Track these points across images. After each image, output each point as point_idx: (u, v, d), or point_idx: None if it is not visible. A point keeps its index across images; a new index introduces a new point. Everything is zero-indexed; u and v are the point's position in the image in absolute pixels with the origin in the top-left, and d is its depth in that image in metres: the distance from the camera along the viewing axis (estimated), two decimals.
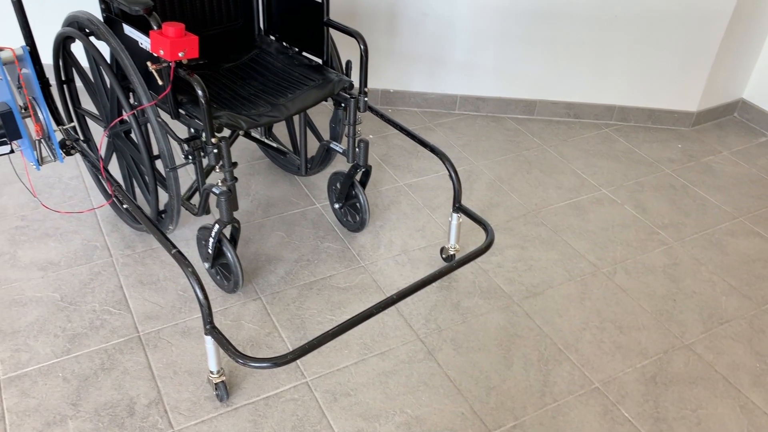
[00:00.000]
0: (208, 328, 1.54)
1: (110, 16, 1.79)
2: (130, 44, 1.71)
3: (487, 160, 2.65)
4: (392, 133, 2.75)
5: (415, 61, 2.83)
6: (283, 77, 1.98)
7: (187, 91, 1.76)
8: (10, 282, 1.92)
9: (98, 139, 2.34)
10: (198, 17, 1.99)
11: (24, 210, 2.18)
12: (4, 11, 2.62)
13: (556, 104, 2.94)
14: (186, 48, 1.56)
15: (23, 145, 1.87)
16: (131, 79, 1.69)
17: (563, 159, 2.70)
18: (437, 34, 2.75)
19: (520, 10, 2.67)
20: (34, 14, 2.67)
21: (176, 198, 1.81)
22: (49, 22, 2.69)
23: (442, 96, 2.93)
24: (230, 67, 2.03)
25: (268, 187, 2.40)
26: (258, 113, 1.80)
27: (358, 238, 2.20)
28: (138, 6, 1.57)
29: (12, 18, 2.64)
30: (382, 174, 2.51)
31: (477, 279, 2.06)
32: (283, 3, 2.04)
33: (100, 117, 2.01)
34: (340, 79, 1.95)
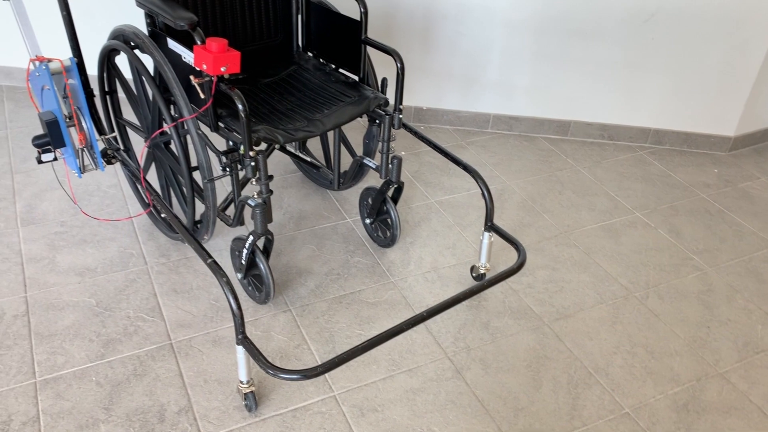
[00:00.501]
0: (240, 338, 1.55)
1: (155, 30, 1.84)
2: (173, 58, 1.76)
3: (519, 180, 2.64)
4: (424, 150, 2.77)
5: (449, 79, 2.85)
6: (320, 93, 2.01)
7: (227, 105, 1.79)
8: (48, 286, 1.97)
9: (137, 149, 2.39)
10: (239, 33, 2.03)
11: (64, 216, 2.24)
12: (53, 24, 2.71)
13: (591, 125, 2.92)
14: (228, 63, 1.60)
15: (66, 153, 1.93)
16: (173, 92, 1.74)
17: (597, 181, 2.68)
18: (472, 52, 2.77)
19: (556, 30, 2.68)
20: (82, 27, 2.76)
21: (212, 209, 1.84)
22: (95, 35, 2.77)
23: (475, 114, 2.93)
24: (268, 82, 2.07)
25: (301, 201, 2.43)
26: (294, 128, 1.83)
27: (388, 254, 2.21)
28: (183, 21, 1.61)
29: (61, 30, 2.72)
30: (414, 191, 2.52)
31: (507, 299, 2.06)
32: (321, 20, 2.07)
33: (141, 128, 2.06)
34: (375, 96, 1.97)
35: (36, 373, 1.71)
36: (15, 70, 2.95)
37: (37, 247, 2.11)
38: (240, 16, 2.00)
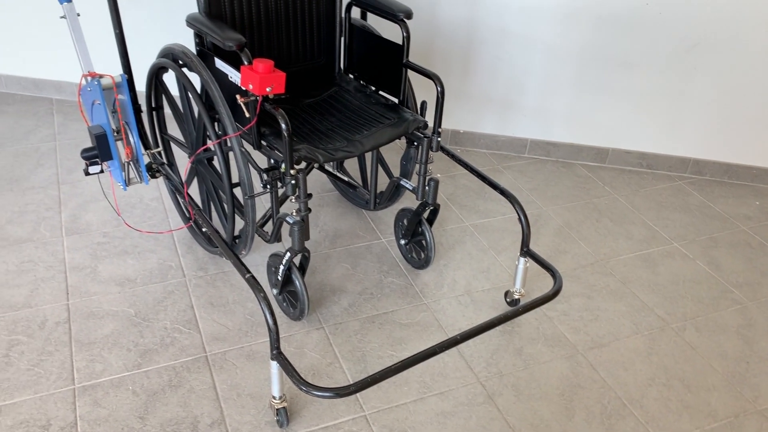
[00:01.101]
0: (275, 354, 1.57)
1: (203, 50, 1.90)
2: (220, 77, 1.81)
3: (555, 206, 2.63)
4: (460, 173, 2.78)
5: (487, 103, 2.86)
6: (360, 114, 2.04)
7: (270, 124, 1.83)
8: (89, 295, 2.02)
9: (180, 163, 2.45)
10: (284, 54, 2.07)
11: (107, 227, 2.30)
12: (105, 40, 2.80)
13: (629, 153, 2.90)
14: (273, 84, 1.63)
15: (113, 166, 1.99)
16: (219, 110, 1.78)
17: (634, 209, 2.65)
18: (510, 78, 2.78)
19: (596, 58, 2.67)
20: (129, 45, 2.84)
21: (252, 225, 1.88)
22: (141, 52, 2.86)
23: (512, 139, 2.94)
24: (310, 103, 2.11)
25: (336, 220, 2.45)
26: (335, 148, 1.86)
27: (422, 276, 2.21)
28: (232, 42, 1.66)
29: (111, 47, 2.81)
30: (449, 213, 2.53)
31: (541, 326, 2.04)
32: (364, 44, 2.11)
33: (185, 143, 2.11)
34: (414, 119, 1.99)
35: (75, 380, 1.75)
36: (65, 84, 3.06)
37: (80, 256, 2.16)
38: (285, 38, 2.05)
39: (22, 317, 1.92)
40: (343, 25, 2.14)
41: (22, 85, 3.07)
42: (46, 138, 2.77)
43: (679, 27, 2.57)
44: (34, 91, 3.08)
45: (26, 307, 1.95)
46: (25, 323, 1.90)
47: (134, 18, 2.82)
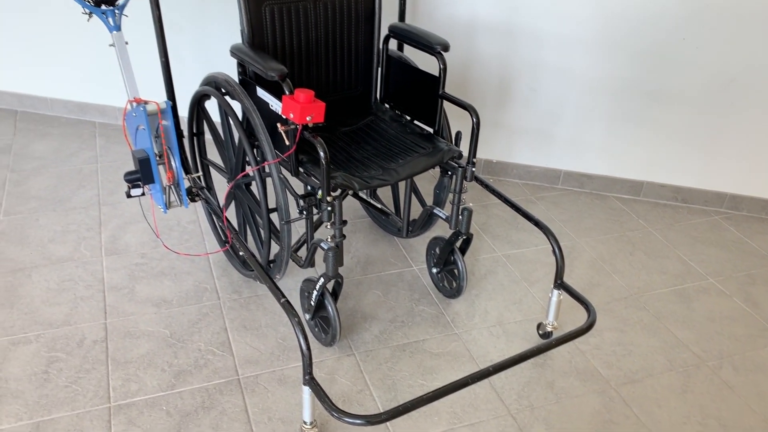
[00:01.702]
0: (307, 379, 1.59)
1: (245, 79, 1.95)
2: (261, 105, 1.86)
3: (589, 238, 2.62)
4: (493, 202, 2.78)
5: (521, 134, 2.87)
6: (395, 143, 2.07)
7: (308, 151, 1.87)
8: (126, 314, 2.06)
9: (218, 187, 2.50)
10: (322, 83, 2.12)
11: (145, 248, 2.35)
12: (149, 67, 2.89)
13: (664, 187, 2.88)
14: (313, 113, 1.67)
15: (154, 189, 2.04)
16: (259, 137, 1.83)
17: (669, 243, 2.63)
18: (545, 109, 2.79)
19: (632, 92, 2.68)
20: (174, 72, 2.93)
21: (287, 249, 1.90)
22: (181, 78, 2.94)
23: (545, 170, 2.94)
24: (347, 131, 2.15)
25: (368, 246, 2.47)
26: (370, 176, 1.89)
27: (453, 305, 2.21)
28: (274, 72, 1.71)
29: (155, 74, 2.90)
30: (481, 243, 2.53)
31: (573, 359, 2.02)
32: (400, 74, 2.15)
33: (224, 169, 2.16)
34: (449, 149, 2.01)
35: (111, 398, 1.78)
36: (108, 108, 3.15)
37: (118, 276, 2.21)
38: (324, 68, 2.10)
39: (62, 335, 1.97)
40: (381, 56, 2.18)
41: (67, 108, 3.18)
42: (89, 160, 2.85)
43: (717, 62, 2.56)
44: (78, 114, 3.18)
45: (66, 325, 2.00)
46: (64, 341, 1.95)
47: (176, 46, 2.90)
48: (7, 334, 1.96)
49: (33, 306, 2.06)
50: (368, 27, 2.12)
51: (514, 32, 2.64)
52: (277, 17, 1.94)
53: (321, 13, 2.02)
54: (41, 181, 2.69)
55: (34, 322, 2.00)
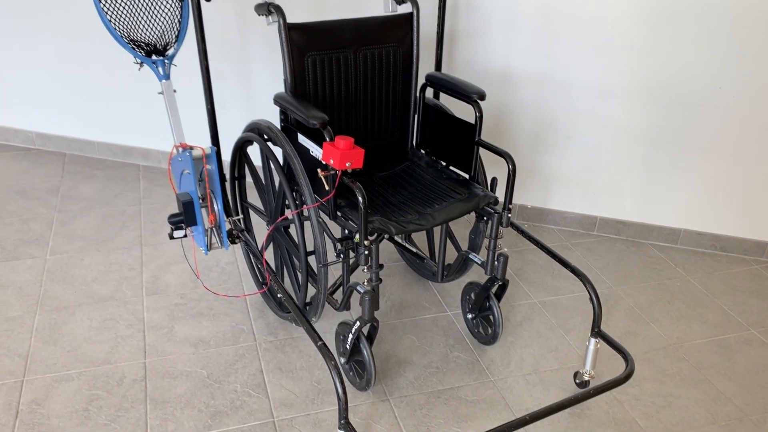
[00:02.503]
0: (343, 423, 1.59)
1: (287, 126, 2.02)
2: (302, 151, 1.91)
3: (626, 286, 2.59)
4: (528, 248, 2.78)
5: (557, 180, 2.88)
6: (432, 189, 2.10)
7: (346, 196, 1.91)
8: (165, 354, 2.10)
9: (256, 229, 2.55)
10: (360, 129, 2.17)
11: (184, 289, 2.40)
12: (195, 113, 2.99)
13: (702, 235, 2.85)
14: (353, 159, 1.72)
15: (196, 231, 2.09)
16: (299, 181, 1.87)
17: (708, 293, 2.58)
18: (580, 156, 2.80)
19: (667, 139, 2.68)
20: (218, 118, 3.03)
21: (323, 292, 1.93)
22: (222, 124, 3.04)
23: (581, 216, 2.93)
24: (383, 176, 2.19)
25: (403, 290, 2.48)
26: (406, 220, 1.91)
27: (489, 352, 2.20)
28: (316, 120, 1.76)
29: (199, 119, 3.01)
30: (517, 289, 2.53)
31: (611, 409, 1.99)
32: (436, 122, 2.19)
33: (264, 212, 2.21)
34: (485, 195, 2.03)
35: None
36: (152, 152, 3.26)
37: (158, 316, 2.26)
38: (363, 115, 2.15)
39: (102, 373, 2.01)
40: (418, 104, 2.23)
41: (112, 151, 3.29)
42: (132, 201, 2.94)
43: (753, 110, 2.55)
44: (123, 157, 3.29)
45: (106, 363, 2.04)
46: (105, 379, 1.98)
47: (220, 93, 3.01)
48: (51, 371, 2.00)
49: (75, 344, 2.12)
50: (406, 76, 2.18)
51: (549, 81, 2.67)
52: (318, 67, 2.01)
53: (361, 63, 2.09)
54: (86, 221, 2.78)
55: (76, 359, 2.05)
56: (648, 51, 2.53)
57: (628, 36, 2.52)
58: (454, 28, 2.66)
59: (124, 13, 1.97)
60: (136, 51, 2.00)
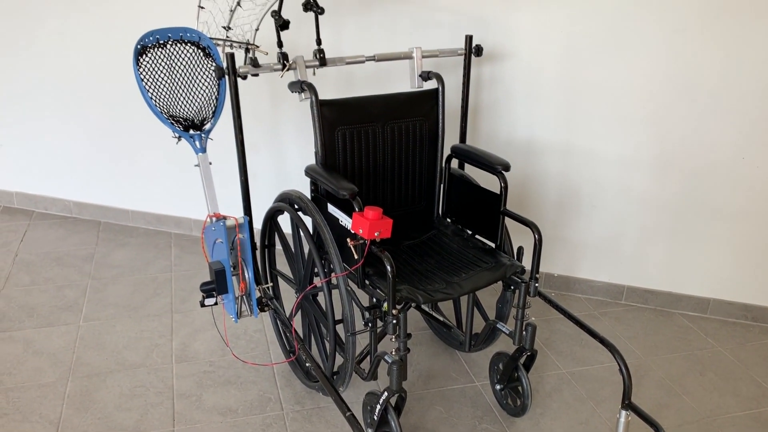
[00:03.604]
0: None
1: (317, 196, 2.08)
2: (331, 220, 1.96)
3: (656, 357, 2.55)
4: (555, 317, 2.77)
5: (583, 249, 2.89)
6: (458, 257, 2.12)
7: (374, 264, 1.94)
8: (193, 422, 2.10)
9: (284, 296, 2.58)
10: (387, 199, 2.23)
11: (213, 356, 2.42)
12: (229, 182, 3.09)
13: (732, 305, 2.81)
14: (381, 229, 1.76)
15: (226, 299, 2.13)
16: (328, 250, 1.92)
17: (741, 364, 2.53)
18: (606, 224, 2.82)
19: (693, 207, 2.69)
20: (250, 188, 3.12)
21: (351, 361, 1.94)
22: (252, 193, 3.13)
23: (608, 285, 2.92)
24: (410, 245, 2.22)
25: (430, 359, 2.48)
26: (434, 289, 1.93)
27: (518, 424, 2.17)
28: (345, 191, 1.82)
29: (231, 188, 3.10)
30: (545, 359, 2.50)
31: None
32: (462, 191, 2.24)
33: (292, 279, 2.25)
34: (512, 264, 2.05)
35: None
36: (183, 220, 3.35)
37: (187, 384, 2.27)
38: (390, 185, 2.21)
39: None
40: (443, 174, 2.29)
41: (146, 219, 3.39)
42: (164, 269, 3.01)
43: None
44: (156, 225, 3.38)
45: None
46: None
47: (252, 164, 3.11)
48: None
49: (106, 411, 2.13)
50: (432, 148, 2.25)
51: (572, 151, 2.73)
52: (348, 140, 2.09)
53: (388, 135, 2.16)
54: (119, 288, 2.84)
55: (107, 427, 2.06)
56: (669, 122, 2.58)
57: (650, 107, 2.58)
58: (478, 101, 2.75)
59: (166, 91, 2.08)
60: (175, 126, 2.10)
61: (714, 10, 2.39)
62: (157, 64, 2.06)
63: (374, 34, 2.72)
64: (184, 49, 2.08)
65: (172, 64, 2.08)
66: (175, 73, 2.08)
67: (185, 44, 2.08)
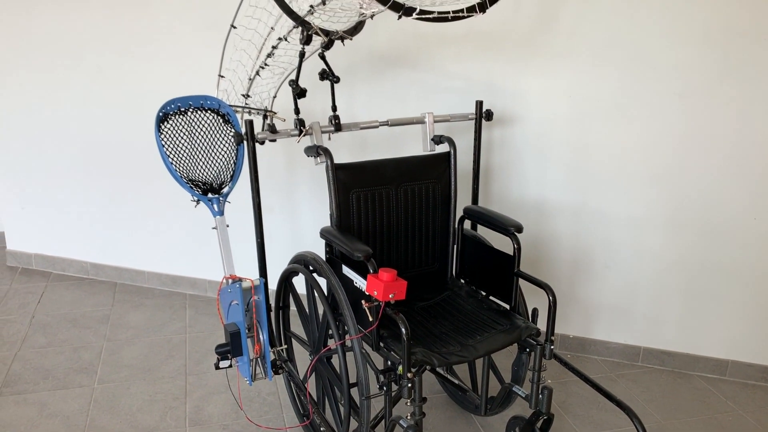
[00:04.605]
0: None
1: (332, 257, 2.10)
2: (346, 282, 1.98)
3: (675, 420, 2.50)
4: (571, 379, 2.73)
5: (598, 310, 2.88)
6: (473, 319, 2.12)
7: (389, 327, 1.95)
8: None
9: (298, 358, 2.57)
10: (401, 260, 2.25)
11: (226, 419, 2.40)
12: (243, 243, 3.13)
13: (752, 366, 2.77)
14: (396, 291, 1.78)
15: (241, 362, 2.14)
16: (343, 312, 1.93)
17: (763, 428, 2.47)
18: (620, 285, 2.81)
19: (707, 268, 2.68)
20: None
21: (366, 426, 1.92)
22: (267, 254, 3.16)
23: (624, 346, 2.89)
24: (424, 306, 2.23)
25: (446, 424, 2.44)
26: (449, 352, 1.93)
27: None
28: (360, 253, 1.85)
29: (245, 249, 3.14)
30: (562, 423, 2.46)
31: None
32: (475, 252, 2.26)
33: (307, 341, 2.25)
34: (527, 326, 2.05)
35: None
36: (198, 281, 3.37)
37: None
38: (404, 246, 2.24)
39: None
40: (456, 235, 2.31)
41: (161, 280, 3.42)
42: (178, 330, 3.02)
43: None
44: (171, 287, 3.41)
45: None
46: None
47: (267, 224, 3.15)
48: None
49: None
50: (445, 209, 2.28)
51: (584, 212, 2.75)
52: (362, 202, 2.13)
53: (402, 197, 2.20)
54: (134, 350, 2.85)
55: None
56: (679, 182, 2.61)
57: (658, 167, 2.61)
58: (490, 163, 2.80)
59: (186, 156, 2.14)
60: (194, 190, 2.15)
61: (715, 75, 2.45)
62: (178, 131, 2.13)
63: (387, 99, 2.80)
64: (204, 116, 2.15)
65: (193, 130, 2.15)
66: (195, 138, 2.15)
67: (205, 111, 2.15)
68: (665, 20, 2.43)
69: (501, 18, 2.57)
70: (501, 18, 2.57)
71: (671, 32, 2.44)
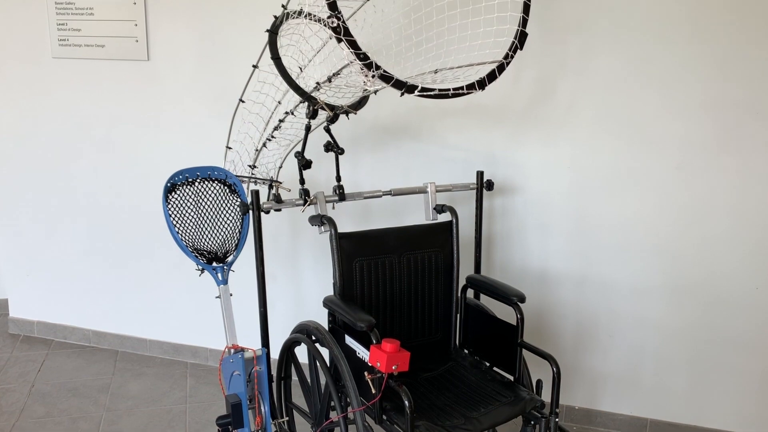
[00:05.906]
0: None
1: (335, 327, 2.10)
2: (348, 352, 1.97)
3: None
4: None
5: (602, 380, 2.84)
6: (476, 391, 2.10)
7: (392, 399, 1.93)
8: None
9: (299, 429, 2.53)
10: (404, 329, 2.24)
11: None
12: (245, 311, 3.13)
13: None
14: (399, 362, 1.77)
15: None
16: (345, 383, 1.91)
17: None
18: (624, 355, 2.79)
19: (711, 338, 2.66)
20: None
21: None
22: (275, 324, 3.15)
23: (630, 418, 2.84)
24: (428, 377, 2.21)
25: None
26: (452, 425, 1.90)
27: None
28: (363, 323, 1.85)
29: (247, 318, 3.14)
30: None
31: None
32: (479, 322, 2.25)
33: (308, 413, 2.22)
34: (531, 398, 2.02)
35: None
36: (200, 350, 3.35)
37: None
38: (407, 316, 2.24)
39: None
40: (459, 304, 2.31)
41: (162, 349, 3.40)
42: (178, 400, 2.98)
43: None
44: (173, 355, 3.38)
45: None
46: None
47: (269, 293, 3.15)
48: None
49: None
50: (447, 278, 2.29)
51: (586, 281, 2.75)
52: (365, 270, 2.14)
53: (405, 266, 2.22)
54: (133, 420, 2.80)
55: None
56: (680, 251, 2.62)
57: (660, 237, 2.63)
58: (491, 232, 2.82)
59: (192, 225, 2.18)
60: (199, 259, 2.17)
61: (712, 149, 2.50)
62: (185, 200, 2.17)
63: (390, 169, 2.86)
64: (211, 186, 2.20)
65: (200, 199, 2.19)
66: (202, 208, 2.19)
67: (213, 181, 2.20)
68: (661, 93, 2.51)
69: (500, 92, 2.65)
70: (500, 92, 2.65)
71: (667, 104, 2.51)
